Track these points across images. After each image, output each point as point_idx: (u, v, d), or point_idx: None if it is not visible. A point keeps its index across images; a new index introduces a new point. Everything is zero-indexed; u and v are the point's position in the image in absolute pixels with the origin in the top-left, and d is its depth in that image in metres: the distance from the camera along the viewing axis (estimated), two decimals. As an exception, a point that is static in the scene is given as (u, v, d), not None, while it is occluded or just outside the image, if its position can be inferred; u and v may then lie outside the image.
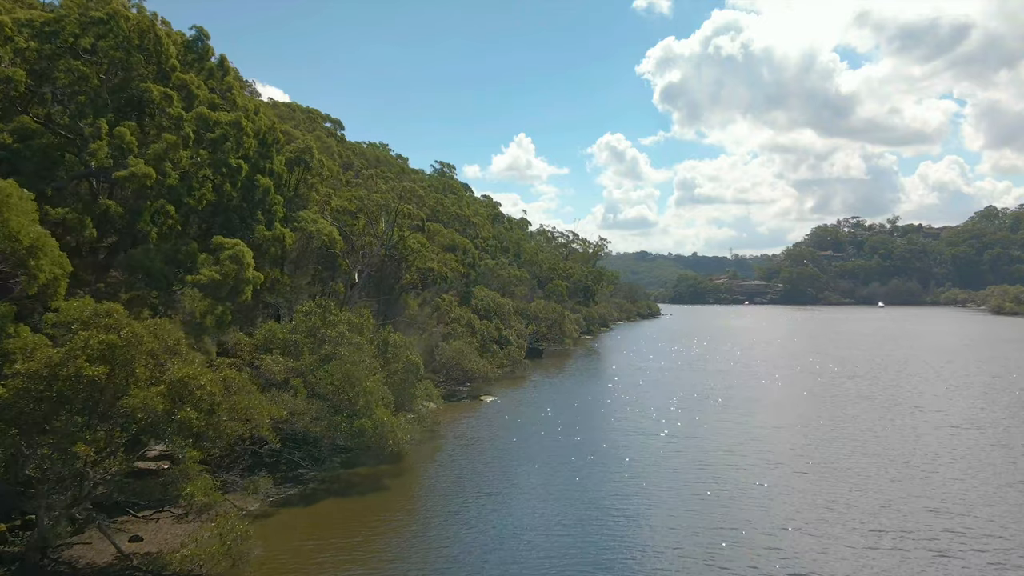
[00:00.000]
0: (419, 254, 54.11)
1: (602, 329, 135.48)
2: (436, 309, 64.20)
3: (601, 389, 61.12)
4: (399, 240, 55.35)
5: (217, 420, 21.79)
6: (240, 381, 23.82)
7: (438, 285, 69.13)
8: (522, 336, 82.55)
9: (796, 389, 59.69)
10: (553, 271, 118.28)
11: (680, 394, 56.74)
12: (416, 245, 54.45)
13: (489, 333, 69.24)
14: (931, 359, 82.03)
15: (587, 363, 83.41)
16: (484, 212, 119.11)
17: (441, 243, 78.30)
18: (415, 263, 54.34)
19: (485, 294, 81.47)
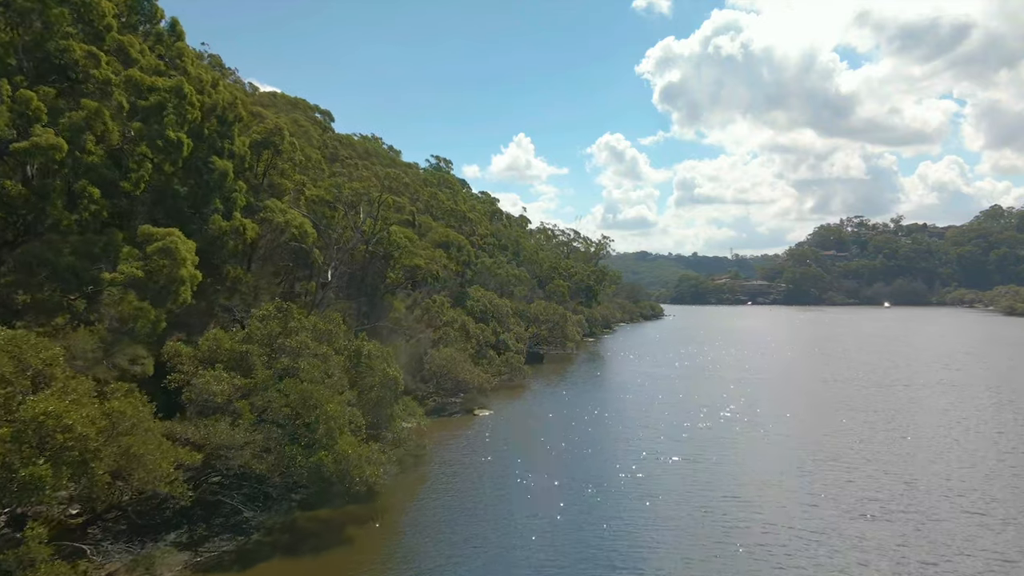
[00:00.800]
0: (405, 250, 47.63)
1: (604, 331, 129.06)
2: (426, 311, 57.77)
3: (608, 401, 54.65)
4: (383, 234, 48.86)
5: (92, 474, 15.32)
6: (134, 416, 17.34)
7: (429, 285, 62.76)
8: (521, 340, 76.17)
9: (831, 404, 53.26)
10: (554, 270, 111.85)
11: (701, 410, 50.29)
12: (403, 240, 47.98)
13: (485, 337, 62.83)
14: (977, 370, 75.62)
15: (591, 369, 76.93)
16: (481, 208, 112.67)
17: (434, 239, 71.95)
18: (401, 260, 47.87)
19: (481, 295, 75.08)
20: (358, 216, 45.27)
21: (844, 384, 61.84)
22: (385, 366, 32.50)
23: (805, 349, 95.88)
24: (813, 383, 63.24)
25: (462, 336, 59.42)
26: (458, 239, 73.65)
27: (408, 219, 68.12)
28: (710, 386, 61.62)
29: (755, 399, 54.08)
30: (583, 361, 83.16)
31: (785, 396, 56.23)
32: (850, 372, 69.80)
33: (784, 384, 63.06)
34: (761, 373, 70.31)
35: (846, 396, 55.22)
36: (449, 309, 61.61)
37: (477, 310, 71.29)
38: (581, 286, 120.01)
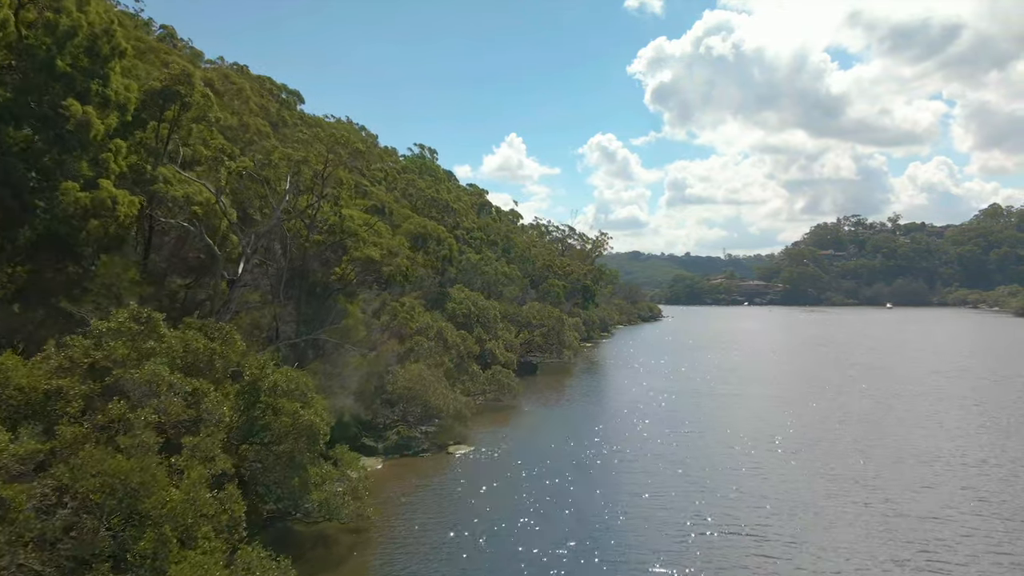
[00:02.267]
0: (359, 239, 36.09)
1: (602, 334, 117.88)
2: (394, 317, 46.30)
3: (619, 432, 43.26)
4: (335, 219, 37.28)
5: None
6: None
7: (399, 284, 51.24)
8: (511, 348, 64.78)
9: (884, 432, 42.16)
10: (548, 269, 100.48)
11: (742, 446, 39.09)
12: (357, 227, 36.42)
13: (467, 347, 51.38)
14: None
15: (592, 384, 65.54)
16: (468, 200, 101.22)
17: (408, 231, 60.49)
18: (352, 252, 36.34)
19: (465, 296, 63.69)
20: (282, 185, 33.65)
21: (890, 402, 50.86)
22: (299, 406, 20.99)
23: (831, 359, 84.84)
24: (863, 411, 52.20)
25: (438, 347, 48.00)
26: (438, 231, 62.20)
27: (376, 205, 56.73)
28: (741, 409, 50.42)
29: (804, 427, 42.94)
30: (582, 372, 71.80)
31: (841, 426, 45.08)
32: (905, 393, 58.78)
33: (834, 409, 51.90)
34: (794, 389, 59.28)
35: (905, 423, 44.18)
36: (423, 313, 50.15)
37: (459, 314, 59.87)
38: (578, 286, 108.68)
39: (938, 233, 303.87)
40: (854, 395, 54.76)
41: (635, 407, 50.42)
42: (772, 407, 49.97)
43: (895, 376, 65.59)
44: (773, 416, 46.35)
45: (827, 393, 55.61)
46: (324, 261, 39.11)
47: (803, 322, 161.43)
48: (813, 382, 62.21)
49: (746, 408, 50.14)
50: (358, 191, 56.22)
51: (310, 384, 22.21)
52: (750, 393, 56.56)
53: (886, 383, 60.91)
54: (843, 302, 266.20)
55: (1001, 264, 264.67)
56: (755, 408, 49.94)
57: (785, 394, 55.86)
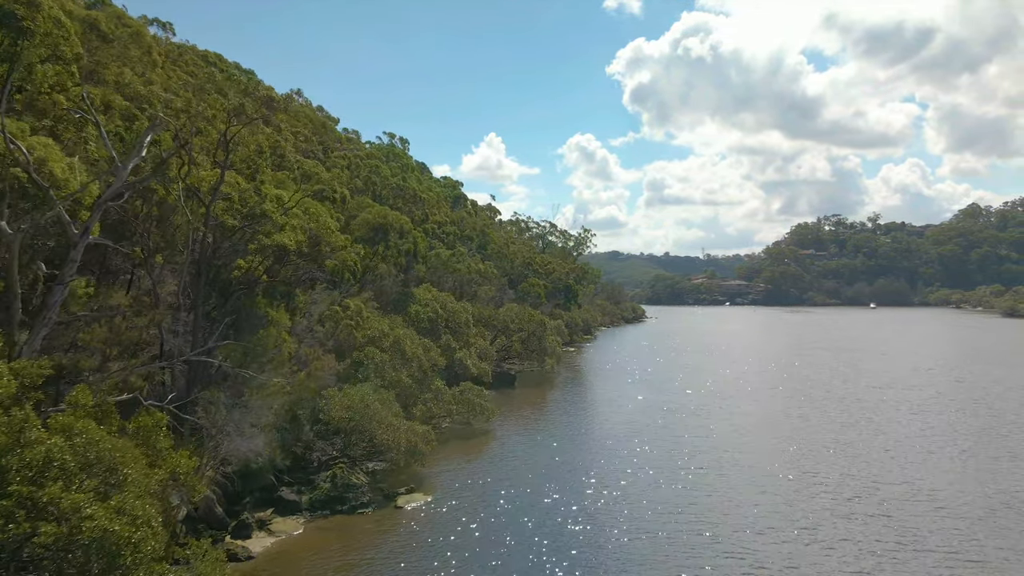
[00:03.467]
0: (270, 222, 26.77)
1: (585, 338, 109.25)
2: (336, 324, 37.09)
3: (609, 466, 34.58)
4: (251, 197, 27.94)
5: None
6: None
7: (346, 283, 42.00)
8: (486, 357, 55.84)
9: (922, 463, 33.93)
10: (528, 267, 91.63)
11: (766, 477, 30.60)
12: (268, 206, 27.05)
13: (431, 360, 42.25)
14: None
15: (577, 398, 56.77)
16: (440, 192, 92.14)
17: (366, 221, 51.46)
18: (261, 238, 27.04)
19: (432, 297, 54.62)
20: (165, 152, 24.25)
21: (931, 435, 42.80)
22: (89, 498, 11.81)
23: (841, 369, 76.99)
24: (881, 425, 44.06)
25: (395, 360, 38.91)
26: (401, 222, 53.12)
27: (324, 189, 47.47)
28: (751, 435, 42.01)
29: (825, 449, 34.60)
30: (566, 384, 62.99)
31: (866, 450, 36.80)
32: (920, 406, 50.82)
33: (849, 427, 43.67)
34: (802, 397, 51.10)
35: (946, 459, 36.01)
36: (376, 319, 41.01)
37: (424, 319, 50.78)
38: (559, 285, 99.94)
39: (918, 233, 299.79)
40: (892, 424, 46.63)
41: (629, 430, 41.72)
42: (790, 435, 41.58)
43: (929, 394, 57.72)
44: (797, 448, 37.94)
45: (853, 417, 47.42)
46: (241, 253, 29.79)
47: (792, 323, 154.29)
48: (834, 401, 54.00)
49: (758, 434, 41.70)
50: (303, 174, 46.98)
51: (127, 451, 13.01)
52: (759, 412, 48.21)
53: (926, 403, 52.93)
54: (825, 302, 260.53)
55: (982, 264, 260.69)
56: (769, 436, 41.51)
57: (803, 415, 47.58)
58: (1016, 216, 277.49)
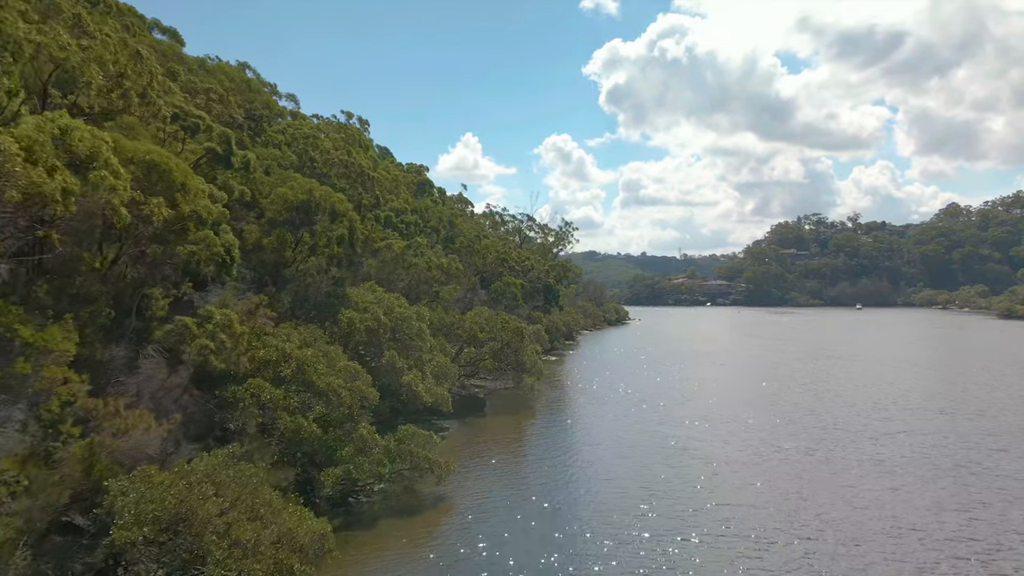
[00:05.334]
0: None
1: (567, 344, 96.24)
2: (181, 340, 23.34)
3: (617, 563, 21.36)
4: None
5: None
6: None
7: (232, 282, 28.33)
8: (446, 377, 42.38)
9: None
10: (503, 263, 78.18)
11: None
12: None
13: (356, 393, 28.52)
14: None
15: (563, 433, 43.42)
16: (400, 176, 78.32)
17: (283, 198, 37.88)
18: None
19: (375, 299, 41.02)
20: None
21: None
22: None
23: (871, 379, 64.80)
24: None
25: (295, 397, 25.33)
26: (332, 201, 39.38)
27: (217, 149, 33.78)
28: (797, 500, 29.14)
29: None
30: (547, 409, 49.62)
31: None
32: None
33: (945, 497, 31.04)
34: (870, 434, 38.55)
35: None
36: (272, 333, 27.34)
37: (360, 329, 37.14)
38: (538, 285, 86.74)
39: (899, 232, 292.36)
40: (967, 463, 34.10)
41: (640, 488, 28.63)
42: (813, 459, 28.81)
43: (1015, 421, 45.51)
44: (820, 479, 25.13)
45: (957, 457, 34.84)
46: None
47: (787, 326, 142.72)
48: (925, 439, 41.43)
49: (825, 494, 28.90)
50: (183, 125, 32.96)
51: None
52: (751, 440, 35.48)
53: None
54: (808, 302, 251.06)
55: (964, 264, 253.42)
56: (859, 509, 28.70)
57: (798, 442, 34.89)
58: (997, 216, 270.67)
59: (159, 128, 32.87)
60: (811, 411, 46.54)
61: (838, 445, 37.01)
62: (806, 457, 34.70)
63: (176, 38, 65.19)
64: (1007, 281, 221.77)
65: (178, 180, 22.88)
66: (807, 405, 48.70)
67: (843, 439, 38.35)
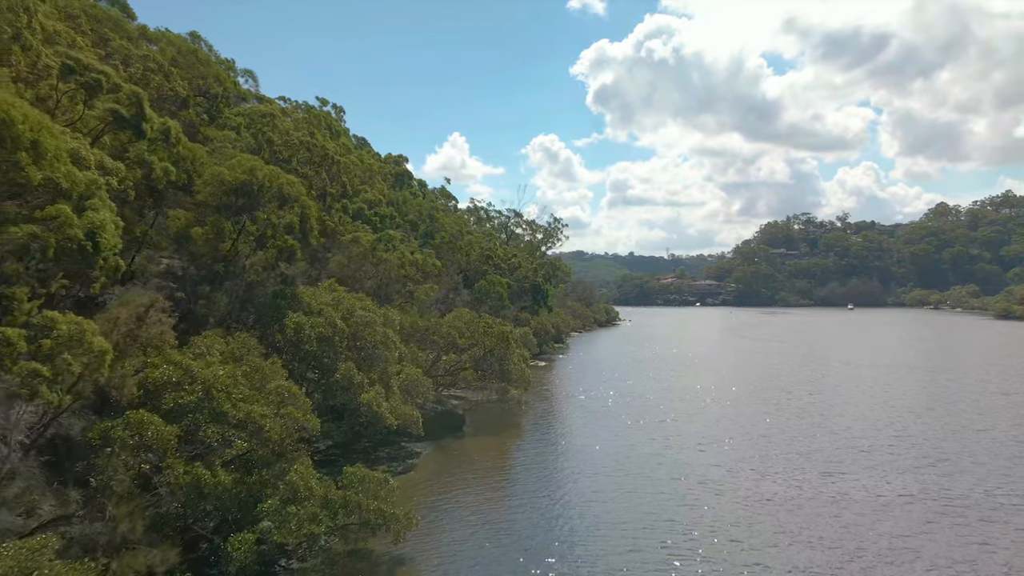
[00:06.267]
0: None
1: (556, 346, 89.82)
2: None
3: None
4: None
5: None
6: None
7: (156, 279, 21.63)
8: (417, 393, 35.79)
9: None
10: (488, 261, 71.62)
11: None
12: None
13: (287, 422, 21.91)
14: None
15: (549, 456, 37.03)
16: (377, 167, 71.60)
17: (218, 178, 31.24)
18: None
19: (335, 299, 34.36)
20: None
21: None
22: None
23: (898, 393, 58.85)
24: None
25: (199, 428, 18.70)
26: (279, 183, 32.68)
27: (120, 109, 27.03)
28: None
29: None
30: (536, 425, 43.12)
31: None
32: None
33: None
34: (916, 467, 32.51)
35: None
36: (177, 353, 20.70)
37: (308, 338, 30.48)
38: (526, 285, 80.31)
39: (889, 232, 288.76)
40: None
41: (656, 544, 22.26)
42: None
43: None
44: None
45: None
46: None
47: (783, 327, 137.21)
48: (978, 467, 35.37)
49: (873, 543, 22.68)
50: (80, 83, 26.13)
51: None
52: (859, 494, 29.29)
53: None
54: (798, 303, 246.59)
55: (954, 264, 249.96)
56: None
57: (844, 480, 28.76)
58: (987, 215, 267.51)
59: (51, 87, 26.08)
60: (840, 432, 40.45)
61: (888, 478, 30.87)
62: (853, 494, 28.53)
63: (127, 11, 58.13)
64: (997, 281, 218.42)
65: (24, 135, 16.21)
66: (833, 425, 42.61)
67: (892, 468, 32.23)
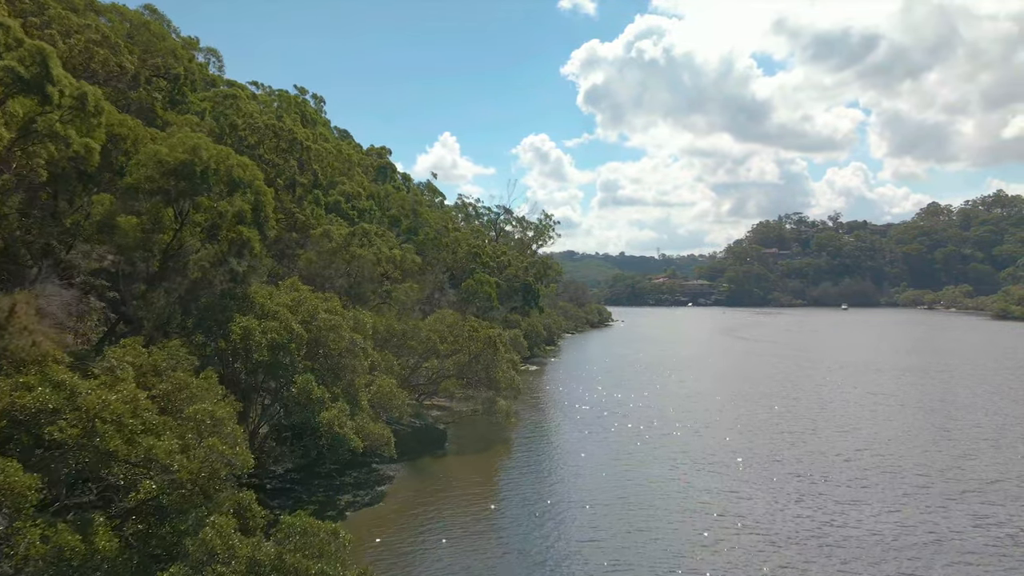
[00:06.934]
0: None
1: (548, 349, 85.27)
2: None
3: None
4: None
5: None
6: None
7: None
8: (391, 406, 31.07)
9: None
10: (475, 259, 66.94)
11: None
12: None
13: (211, 456, 17.20)
14: None
15: (542, 483, 32.40)
16: (358, 159, 66.80)
17: (157, 158, 26.35)
18: None
19: (295, 300, 29.57)
20: None
21: None
22: None
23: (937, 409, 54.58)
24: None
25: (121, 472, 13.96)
26: (228, 164, 27.84)
27: (18, 68, 22.14)
28: None
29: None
30: (526, 441, 38.39)
31: None
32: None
33: None
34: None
35: None
36: (64, 370, 15.91)
37: (259, 346, 25.67)
38: (516, 284, 75.73)
39: (881, 232, 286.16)
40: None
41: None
42: None
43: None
44: None
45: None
46: None
47: (776, 328, 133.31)
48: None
49: None
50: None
51: None
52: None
53: None
54: (791, 303, 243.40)
55: (946, 264, 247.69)
56: None
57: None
58: (978, 215, 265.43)
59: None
60: (864, 450, 36.13)
61: (945, 511, 26.52)
62: (899, 533, 24.11)
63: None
64: (990, 281, 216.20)
65: None
66: (855, 442, 38.29)
67: (925, 497, 27.90)
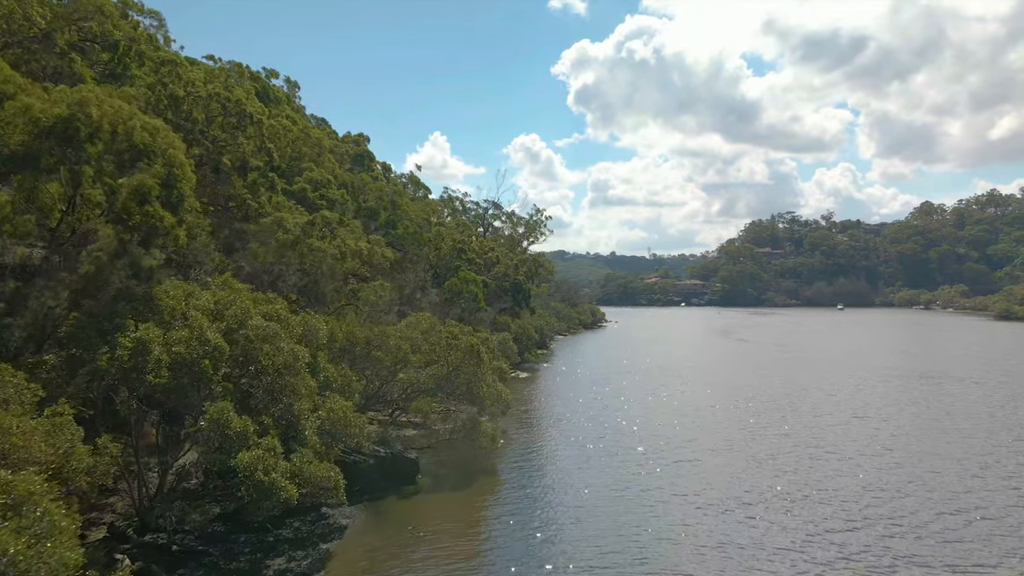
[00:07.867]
0: None
1: (540, 353, 78.95)
2: None
3: None
4: None
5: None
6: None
7: None
8: (345, 435, 24.62)
9: None
10: (460, 255, 60.45)
11: None
12: None
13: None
14: None
15: (536, 530, 26.18)
16: (331, 145, 60.16)
17: (28, 113, 19.61)
18: None
19: (221, 302, 22.99)
20: None
21: None
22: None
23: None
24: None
25: None
26: (132, 128, 21.30)
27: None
28: None
29: None
30: (515, 469, 32.02)
31: None
32: None
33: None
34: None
35: None
36: None
37: (152, 363, 19.16)
38: (506, 283, 69.34)
39: (875, 231, 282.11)
40: None
41: None
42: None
43: None
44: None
45: None
46: None
47: (775, 329, 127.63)
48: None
49: None
50: None
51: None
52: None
53: None
54: (785, 303, 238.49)
55: (941, 263, 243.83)
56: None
57: None
58: (973, 214, 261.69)
59: None
60: (904, 477, 30.08)
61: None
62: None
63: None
64: (986, 280, 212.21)
65: None
66: (888, 468, 32.25)
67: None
